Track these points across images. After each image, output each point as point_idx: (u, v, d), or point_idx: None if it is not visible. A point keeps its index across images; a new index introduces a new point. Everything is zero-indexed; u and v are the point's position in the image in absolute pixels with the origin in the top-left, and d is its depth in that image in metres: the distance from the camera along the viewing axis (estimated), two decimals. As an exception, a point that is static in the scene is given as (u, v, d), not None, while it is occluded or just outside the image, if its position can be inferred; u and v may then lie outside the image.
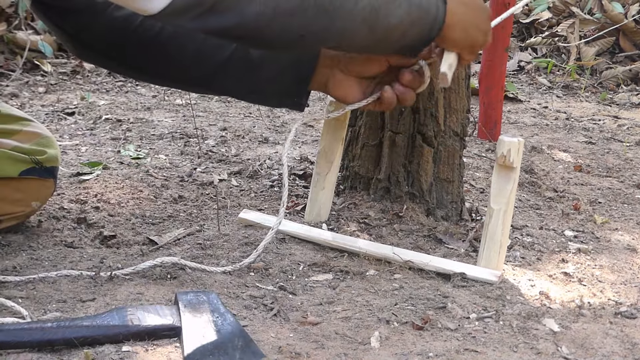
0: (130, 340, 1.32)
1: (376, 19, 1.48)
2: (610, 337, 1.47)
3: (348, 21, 1.47)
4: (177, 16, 1.35)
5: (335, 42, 1.54)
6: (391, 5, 1.49)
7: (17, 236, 1.76)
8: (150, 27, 1.66)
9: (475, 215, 1.99)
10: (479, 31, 1.60)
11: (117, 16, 1.64)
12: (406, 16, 1.51)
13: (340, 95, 1.69)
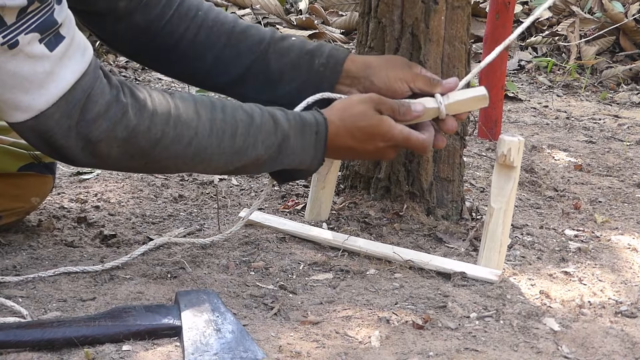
0: (131, 339, 1.32)
1: (232, 173, 1.59)
2: (610, 336, 1.47)
3: (198, 171, 1.57)
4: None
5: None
6: (251, 168, 1.56)
7: (17, 235, 1.76)
8: (171, 34, 1.68)
9: (476, 214, 1.99)
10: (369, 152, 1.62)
11: (139, 21, 1.67)
12: (269, 169, 1.58)
13: None
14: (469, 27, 1.93)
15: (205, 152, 1.49)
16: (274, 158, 1.54)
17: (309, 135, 1.56)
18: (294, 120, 1.56)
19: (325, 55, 1.67)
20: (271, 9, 4.43)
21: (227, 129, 1.50)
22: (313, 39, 4.22)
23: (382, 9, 1.88)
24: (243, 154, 1.52)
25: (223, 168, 1.53)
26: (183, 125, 1.46)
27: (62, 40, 1.37)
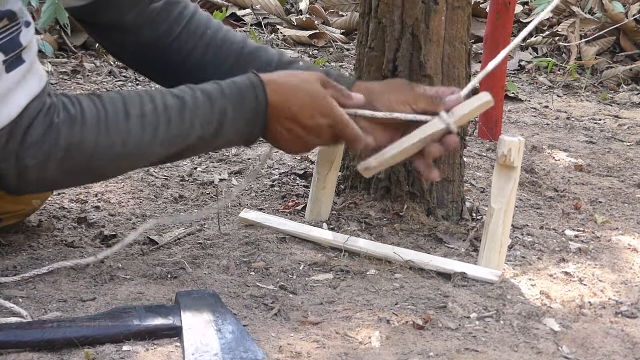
0: (131, 339, 1.32)
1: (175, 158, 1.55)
2: (610, 336, 1.47)
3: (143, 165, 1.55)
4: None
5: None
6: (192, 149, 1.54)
7: (17, 236, 1.76)
8: (179, 51, 1.68)
9: (476, 214, 1.99)
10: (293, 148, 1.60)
11: (147, 37, 1.67)
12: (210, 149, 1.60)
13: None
14: (469, 27, 1.93)
15: (143, 147, 1.47)
16: (216, 134, 1.51)
17: (248, 102, 1.52)
18: (229, 90, 1.53)
19: (333, 78, 1.65)
20: (271, 9, 4.43)
21: (159, 120, 1.47)
22: (313, 39, 4.22)
23: (382, 9, 1.88)
24: (182, 139, 1.49)
25: (167, 156, 1.52)
26: (114, 128, 1.44)
27: (21, 64, 1.37)
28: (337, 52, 4.18)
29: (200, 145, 1.52)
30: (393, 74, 1.88)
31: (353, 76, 2.03)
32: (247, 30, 4.21)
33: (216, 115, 1.50)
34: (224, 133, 1.52)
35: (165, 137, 1.48)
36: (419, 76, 1.87)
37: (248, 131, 1.54)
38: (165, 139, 1.48)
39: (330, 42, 4.27)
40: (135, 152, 1.47)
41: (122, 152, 1.46)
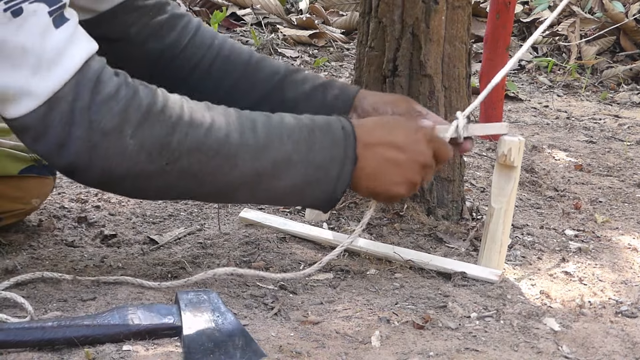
0: (131, 339, 1.32)
1: (259, 183, 1.39)
2: (610, 336, 1.47)
3: (221, 185, 1.38)
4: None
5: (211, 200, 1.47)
6: (281, 168, 1.38)
7: (17, 235, 1.76)
8: (186, 62, 1.67)
9: (476, 214, 1.99)
10: (396, 186, 1.46)
11: (153, 49, 1.66)
12: (299, 178, 1.40)
13: None
14: (469, 27, 1.93)
15: (227, 143, 1.34)
16: (304, 157, 1.39)
17: (336, 130, 1.42)
18: (315, 117, 1.45)
19: (337, 87, 1.66)
20: (272, 8, 4.43)
21: (244, 120, 1.38)
22: (313, 38, 4.22)
23: (382, 9, 1.88)
24: (270, 148, 1.37)
25: (251, 173, 1.37)
26: (197, 112, 1.35)
27: (67, 21, 1.29)
28: (337, 52, 4.18)
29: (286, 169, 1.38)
30: (393, 73, 1.88)
31: (353, 76, 2.03)
32: (247, 30, 4.21)
33: (304, 133, 1.40)
34: (312, 156, 1.39)
35: (252, 140, 1.36)
36: (419, 76, 1.87)
37: (340, 159, 1.41)
38: (250, 141, 1.36)
39: (331, 42, 4.28)
40: (219, 145, 1.34)
41: (204, 140, 1.33)
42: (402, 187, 1.47)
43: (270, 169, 1.38)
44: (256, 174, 1.38)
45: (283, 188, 1.41)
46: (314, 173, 1.41)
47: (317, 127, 1.42)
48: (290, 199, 1.46)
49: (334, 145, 1.41)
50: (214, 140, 1.34)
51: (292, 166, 1.39)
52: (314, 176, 1.41)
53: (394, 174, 1.45)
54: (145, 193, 1.43)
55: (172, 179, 1.35)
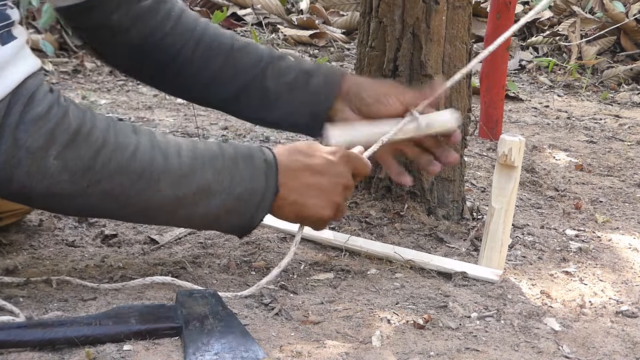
0: (132, 339, 1.32)
1: (179, 208, 1.40)
2: (611, 336, 1.47)
3: (142, 208, 1.39)
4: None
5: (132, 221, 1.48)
6: (201, 196, 1.40)
7: (18, 235, 1.76)
8: (168, 50, 1.66)
9: (477, 214, 1.99)
10: (321, 210, 1.48)
11: (135, 37, 1.65)
12: (218, 207, 1.42)
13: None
14: (470, 26, 1.93)
15: (151, 168, 1.36)
16: (225, 186, 1.41)
17: (257, 161, 1.44)
18: (238, 147, 1.46)
19: (322, 75, 1.66)
20: (272, 8, 4.43)
21: (170, 146, 1.39)
22: (314, 38, 4.22)
23: (383, 9, 1.88)
24: (192, 177, 1.39)
25: (172, 199, 1.38)
26: (123, 135, 1.35)
27: (14, 40, 1.32)
28: (338, 52, 4.18)
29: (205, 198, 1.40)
30: (394, 73, 1.88)
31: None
32: (247, 30, 4.21)
33: (227, 162, 1.41)
34: (232, 187, 1.41)
35: (175, 167, 1.37)
36: (420, 76, 1.87)
37: (261, 190, 1.43)
38: (174, 168, 1.37)
39: (331, 42, 4.28)
40: (143, 170, 1.35)
41: (129, 164, 1.34)
42: (327, 210, 1.48)
43: (191, 197, 1.40)
44: (177, 199, 1.39)
45: (202, 215, 1.42)
46: (234, 203, 1.43)
47: (240, 158, 1.43)
48: (207, 225, 1.48)
49: (255, 177, 1.43)
50: (138, 164, 1.35)
51: (212, 195, 1.41)
52: (232, 206, 1.43)
53: (317, 199, 1.47)
54: (65, 211, 1.46)
55: (93, 200, 1.36)
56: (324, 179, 1.46)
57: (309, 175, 1.46)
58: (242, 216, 1.45)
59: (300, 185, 1.46)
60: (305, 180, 1.46)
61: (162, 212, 1.40)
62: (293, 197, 1.46)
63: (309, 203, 1.47)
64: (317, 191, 1.47)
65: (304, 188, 1.46)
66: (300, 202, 1.46)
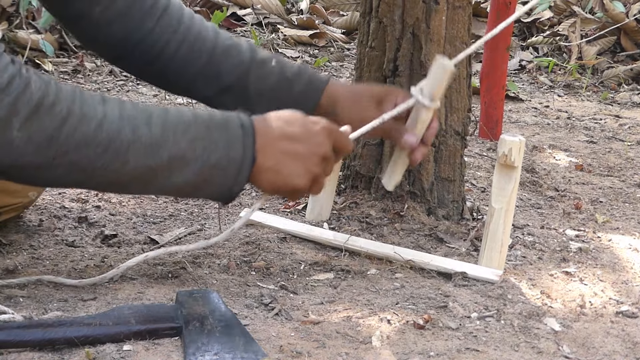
0: (132, 339, 1.32)
1: (152, 178, 1.36)
2: (611, 336, 1.47)
3: (113, 179, 1.35)
4: None
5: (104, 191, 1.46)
6: (174, 166, 1.36)
7: (18, 235, 1.76)
8: (151, 47, 1.64)
9: (477, 214, 1.99)
10: (297, 178, 1.43)
11: (117, 31, 1.63)
12: (195, 177, 1.38)
13: None
14: (469, 27, 1.93)
15: (119, 139, 1.32)
16: (198, 155, 1.37)
17: (233, 127, 1.40)
18: (213, 113, 1.41)
19: (303, 82, 1.64)
20: (272, 8, 4.43)
21: (139, 115, 1.34)
22: (314, 38, 4.22)
23: (383, 9, 1.88)
24: (163, 145, 1.35)
25: (144, 169, 1.35)
26: (89, 106, 1.31)
27: None
28: (338, 52, 4.18)
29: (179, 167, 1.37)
30: (394, 73, 1.89)
31: (354, 76, 2.03)
32: (247, 30, 4.21)
33: (200, 130, 1.38)
34: (206, 155, 1.38)
35: (145, 137, 1.34)
36: (420, 76, 1.87)
37: (238, 157, 1.39)
38: (144, 138, 1.34)
39: (331, 42, 4.27)
40: (110, 141, 1.32)
41: (95, 135, 1.31)
42: (303, 179, 1.43)
43: (164, 167, 1.36)
44: (149, 170, 1.35)
45: (177, 185, 1.38)
46: (210, 172, 1.39)
47: (214, 125, 1.39)
48: (184, 194, 1.45)
49: (231, 145, 1.39)
50: (105, 136, 1.31)
51: (185, 164, 1.37)
52: (209, 175, 1.39)
53: (293, 166, 1.42)
54: (34, 183, 1.44)
55: (60, 172, 1.33)
56: (301, 146, 1.43)
57: (286, 142, 1.43)
58: (221, 185, 1.40)
59: (277, 152, 1.42)
60: (282, 147, 1.42)
61: (134, 182, 1.37)
62: (269, 163, 1.42)
63: (284, 171, 1.42)
64: (293, 159, 1.43)
65: (281, 155, 1.42)
66: (276, 169, 1.42)
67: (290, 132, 1.43)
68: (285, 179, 1.43)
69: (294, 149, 1.43)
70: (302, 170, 1.43)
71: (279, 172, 1.42)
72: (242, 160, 1.40)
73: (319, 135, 1.45)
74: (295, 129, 1.43)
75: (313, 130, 1.44)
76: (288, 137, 1.43)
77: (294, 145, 1.43)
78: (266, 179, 1.43)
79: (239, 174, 1.40)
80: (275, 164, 1.42)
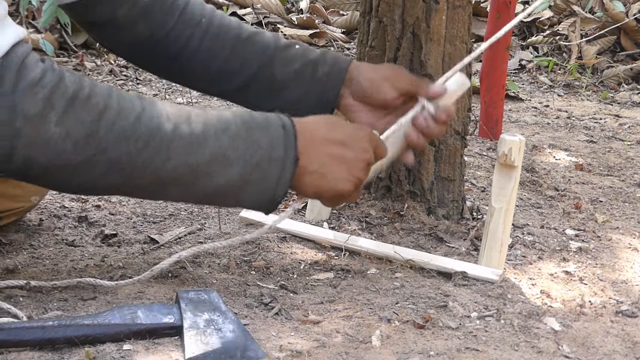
0: (132, 338, 1.32)
1: (194, 179, 1.32)
2: (611, 335, 1.47)
3: (152, 180, 1.31)
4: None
5: (140, 196, 1.40)
6: (217, 165, 1.32)
7: (18, 235, 1.76)
8: (174, 42, 1.64)
9: (477, 214, 1.99)
10: (342, 183, 1.41)
11: (142, 30, 1.63)
12: (237, 176, 1.34)
13: (350, 120, 1.64)
14: (470, 26, 1.93)
15: (159, 135, 1.28)
16: (240, 154, 1.34)
17: (275, 127, 1.37)
18: (254, 113, 1.39)
19: (328, 63, 1.64)
20: (272, 8, 4.43)
21: (179, 113, 1.32)
22: (314, 38, 4.22)
23: (383, 9, 1.88)
24: (204, 143, 1.31)
25: (185, 168, 1.31)
26: (126, 100, 1.29)
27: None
28: (338, 52, 4.18)
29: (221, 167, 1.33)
30: (394, 73, 1.88)
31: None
32: (247, 30, 4.22)
33: (240, 128, 1.35)
34: (249, 154, 1.34)
35: (186, 133, 1.30)
36: (420, 75, 1.87)
37: (280, 159, 1.36)
38: (185, 134, 1.30)
39: (331, 42, 4.28)
40: (150, 136, 1.28)
41: (134, 129, 1.27)
42: (349, 184, 1.41)
43: (205, 165, 1.32)
44: (190, 169, 1.31)
45: (219, 186, 1.35)
46: (252, 172, 1.35)
47: (255, 125, 1.36)
48: (226, 198, 1.39)
49: (273, 145, 1.36)
50: (145, 129, 1.28)
51: (228, 164, 1.33)
52: (252, 175, 1.35)
53: (340, 171, 1.40)
54: (67, 187, 1.36)
55: (98, 171, 1.29)
56: (348, 151, 1.41)
57: (332, 145, 1.40)
58: (263, 187, 1.36)
59: (323, 155, 1.39)
60: (328, 150, 1.40)
61: (174, 184, 1.33)
62: (314, 166, 1.38)
63: (330, 175, 1.40)
64: (340, 163, 1.40)
65: (327, 158, 1.39)
66: (321, 172, 1.39)
67: (335, 137, 1.41)
68: (330, 183, 1.41)
69: (341, 153, 1.40)
70: (348, 175, 1.41)
71: (324, 176, 1.40)
72: (284, 160, 1.37)
73: (365, 141, 1.44)
74: (340, 133, 1.42)
75: (358, 135, 1.44)
76: (334, 141, 1.41)
77: (341, 150, 1.41)
78: (310, 182, 1.40)
79: (281, 175, 1.37)
80: (321, 167, 1.39)
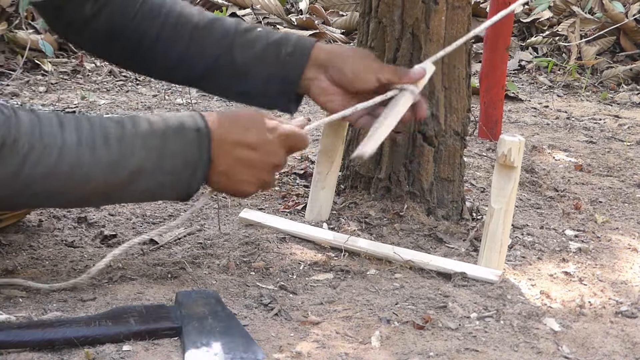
0: (131, 339, 1.32)
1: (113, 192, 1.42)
2: (610, 336, 1.47)
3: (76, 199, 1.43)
4: None
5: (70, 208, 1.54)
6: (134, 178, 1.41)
7: (17, 235, 1.76)
8: (134, 33, 1.67)
9: (476, 214, 1.99)
10: (246, 185, 1.49)
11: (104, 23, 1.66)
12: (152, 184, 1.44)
13: (321, 102, 1.68)
14: (469, 27, 1.93)
15: (79, 164, 1.36)
16: (157, 165, 1.42)
17: (189, 132, 1.43)
18: (169, 119, 1.45)
19: (291, 44, 1.66)
20: (271, 9, 4.43)
21: (96, 135, 1.38)
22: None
23: (382, 9, 1.88)
24: (122, 163, 1.39)
25: (105, 187, 1.40)
26: (49, 136, 1.35)
27: None
28: (337, 52, 4.18)
29: (138, 179, 1.41)
30: (393, 73, 1.88)
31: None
32: (247, 30, 4.22)
33: (157, 140, 1.42)
34: (164, 164, 1.42)
35: (104, 157, 1.38)
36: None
37: (193, 162, 1.44)
38: (103, 158, 1.38)
39: (331, 42, 4.27)
40: (71, 168, 1.36)
41: (57, 164, 1.35)
42: (252, 187, 1.50)
43: (123, 180, 1.41)
44: (109, 186, 1.41)
45: (136, 193, 1.45)
46: (166, 178, 1.44)
47: (170, 132, 1.43)
48: (145, 200, 1.56)
49: (186, 150, 1.44)
50: (66, 164, 1.36)
51: (144, 175, 1.42)
52: (166, 181, 1.44)
53: (245, 174, 1.48)
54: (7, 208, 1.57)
55: (24, 200, 1.42)
56: (255, 155, 1.47)
57: (241, 149, 1.47)
58: (177, 189, 1.46)
59: (231, 158, 1.46)
60: (236, 154, 1.47)
61: (97, 198, 1.43)
62: (221, 167, 1.46)
63: (235, 177, 1.48)
64: (247, 167, 1.48)
65: (235, 161, 1.47)
66: (227, 174, 1.47)
67: (246, 140, 1.47)
68: (235, 185, 1.49)
69: (248, 157, 1.47)
70: (252, 178, 1.49)
71: (229, 177, 1.48)
72: (197, 163, 1.45)
73: (274, 144, 1.49)
74: (251, 137, 1.47)
75: (268, 139, 1.48)
76: (244, 145, 1.47)
77: (249, 154, 1.47)
78: (217, 181, 1.49)
79: (193, 176, 1.45)
80: (227, 169, 1.47)
